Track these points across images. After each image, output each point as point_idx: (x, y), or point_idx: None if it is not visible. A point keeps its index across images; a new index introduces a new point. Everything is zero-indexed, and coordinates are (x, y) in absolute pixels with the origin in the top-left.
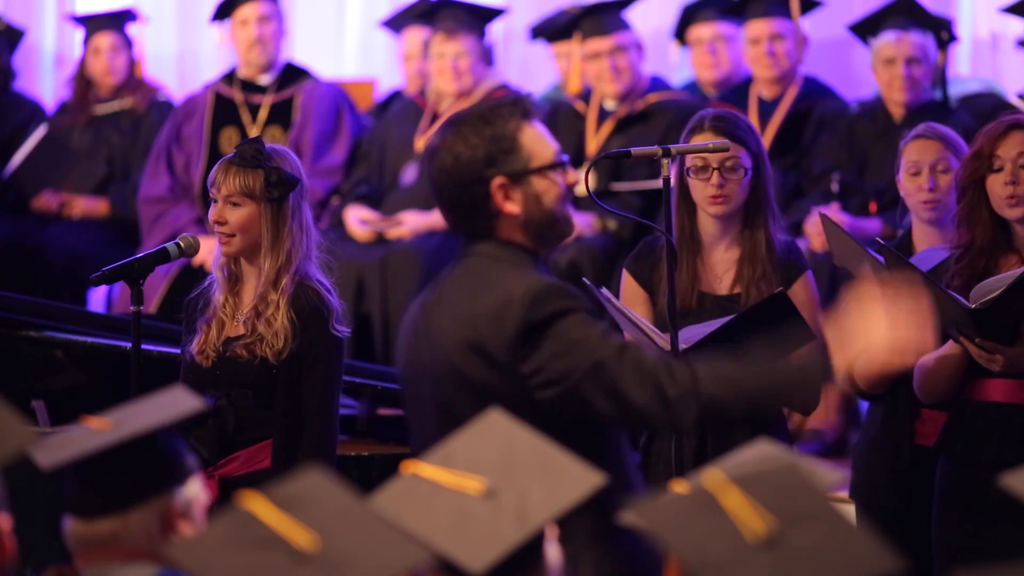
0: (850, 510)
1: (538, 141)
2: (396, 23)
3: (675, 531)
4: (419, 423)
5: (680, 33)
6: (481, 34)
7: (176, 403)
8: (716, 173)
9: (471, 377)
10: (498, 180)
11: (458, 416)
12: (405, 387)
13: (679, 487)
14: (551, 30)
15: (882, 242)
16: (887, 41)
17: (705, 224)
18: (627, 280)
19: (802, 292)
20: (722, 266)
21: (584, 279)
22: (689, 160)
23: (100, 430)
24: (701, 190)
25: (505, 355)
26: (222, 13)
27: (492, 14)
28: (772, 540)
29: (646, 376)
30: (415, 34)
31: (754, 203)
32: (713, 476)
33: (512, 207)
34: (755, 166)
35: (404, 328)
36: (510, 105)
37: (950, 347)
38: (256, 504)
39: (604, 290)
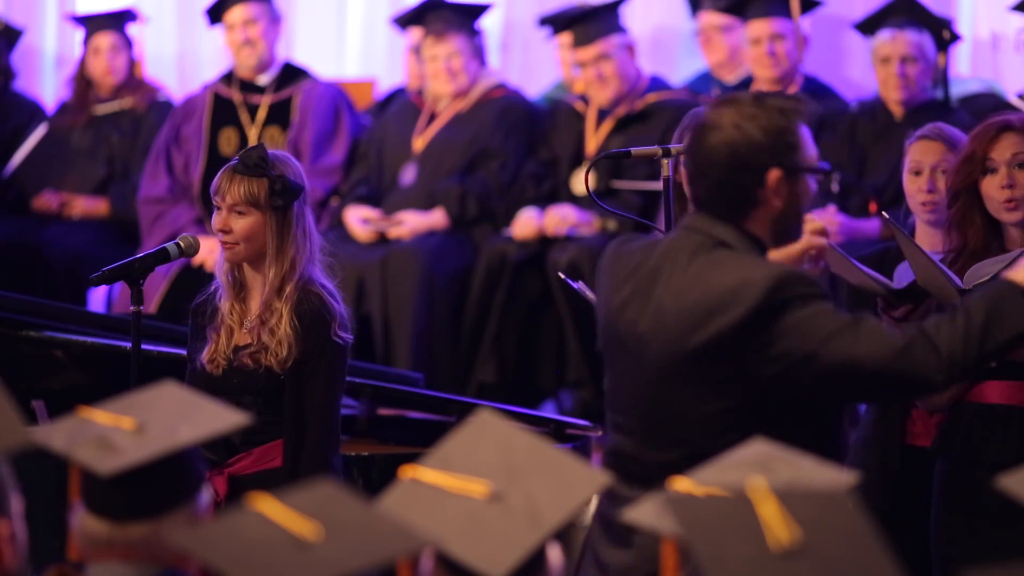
0: None
1: (809, 143)
2: (403, 20)
3: (700, 528)
4: (618, 384)
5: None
6: (472, 32)
7: (219, 416)
8: None
9: (693, 360)
10: (776, 172)
11: (670, 393)
12: (610, 345)
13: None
14: (559, 20)
15: (887, 215)
16: (883, 40)
17: None
18: None
19: None
20: None
21: (561, 275)
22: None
23: (127, 429)
24: None
25: (733, 335)
26: (214, 17)
27: (479, 10)
28: (794, 551)
29: (885, 341)
30: (420, 31)
31: None
32: (756, 483)
33: (778, 200)
34: None
35: (613, 282)
36: (794, 105)
37: None
38: (262, 503)
39: (581, 284)
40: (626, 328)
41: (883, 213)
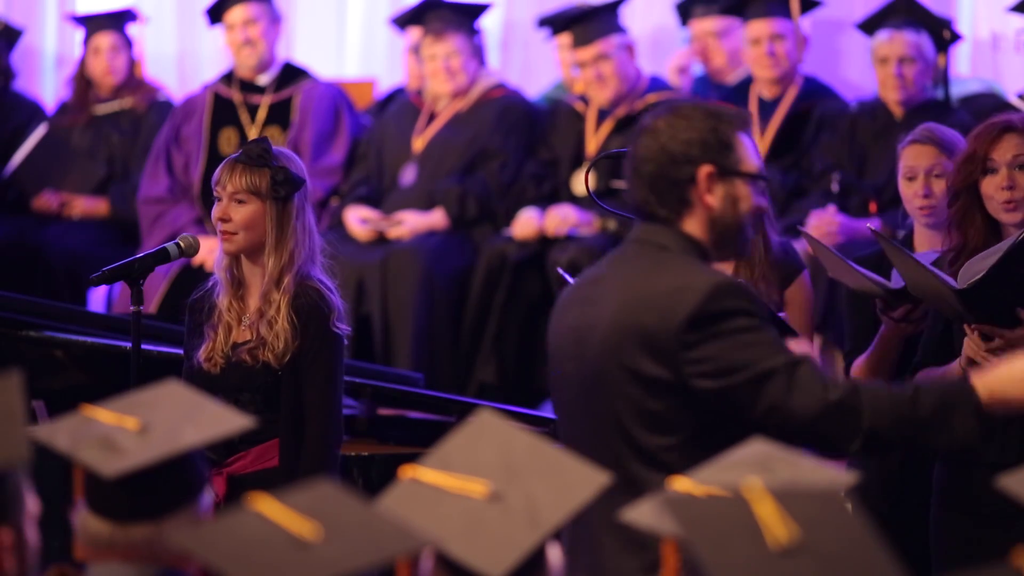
0: None
1: (749, 151)
2: (402, 20)
3: (700, 528)
4: (561, 391)
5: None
6: (471, 31)
7: (223, 418)
8: None
9: (629, 358)
10: (707, 168)
11: (609, 392)
12: (554, 354)
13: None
14: (558, 20)
15: (874, 229)
16: (881, 40)
17: None
18: None
19: (799, 292)
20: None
21: (560, 270)
22: None
23: (132, 430)
24: None
25: (669, 340)
26: (214, 16)
27: (478, 10)
28: (793, 549)
29: (815, 395)
30: (419, 31)
31: None
32: (752, 484)
33: (711, 200)
34: None
35: (563, 299)
36: (733, 112)
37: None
38: (261, 503)
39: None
40: (568, 330)
41: (869, 226)
